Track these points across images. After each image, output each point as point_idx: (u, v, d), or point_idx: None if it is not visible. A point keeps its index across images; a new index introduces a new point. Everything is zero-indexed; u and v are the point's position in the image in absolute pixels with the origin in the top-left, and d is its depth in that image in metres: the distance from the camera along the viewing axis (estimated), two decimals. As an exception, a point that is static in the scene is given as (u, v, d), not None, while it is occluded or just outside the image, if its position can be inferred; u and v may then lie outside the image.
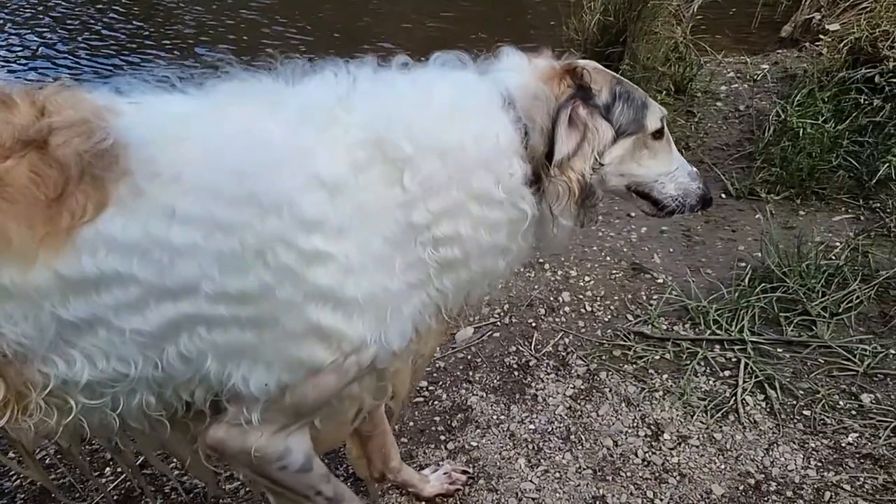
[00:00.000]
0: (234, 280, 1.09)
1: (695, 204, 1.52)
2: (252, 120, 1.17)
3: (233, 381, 1.16)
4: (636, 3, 3.59)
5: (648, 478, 2.03)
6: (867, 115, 3.35)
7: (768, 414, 2.22)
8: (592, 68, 1.40)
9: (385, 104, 1.24)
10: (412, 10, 6.15)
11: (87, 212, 1.05)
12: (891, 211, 3.07)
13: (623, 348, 2.51)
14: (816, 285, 2.61)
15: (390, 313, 1.19)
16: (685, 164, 1.53)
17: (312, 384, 1.21)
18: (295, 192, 1.11)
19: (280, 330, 1.13)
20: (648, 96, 1.46)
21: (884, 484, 1.96)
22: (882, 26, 3.70)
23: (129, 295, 1.09)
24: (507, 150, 1.26)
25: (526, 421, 2.23)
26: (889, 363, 2.36)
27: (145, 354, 1.13)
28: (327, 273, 1.12)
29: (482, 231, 1.24)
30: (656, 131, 1.44)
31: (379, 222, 1.17)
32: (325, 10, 6.05)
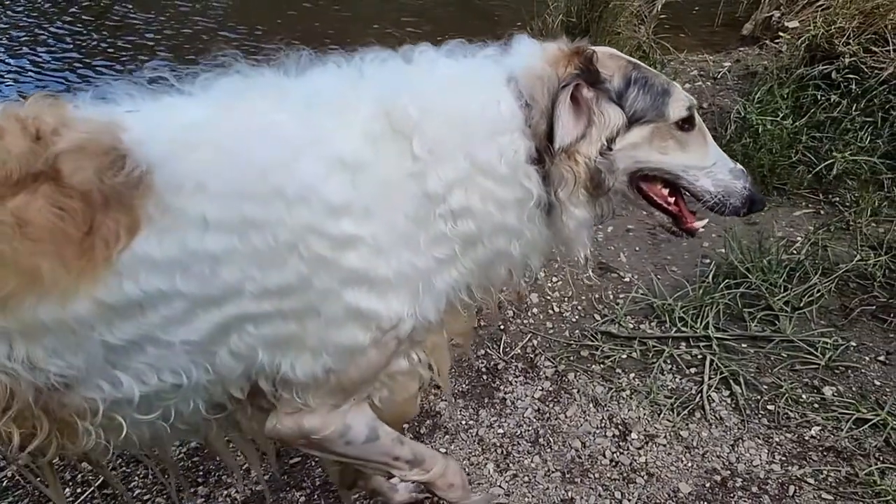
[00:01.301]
0: (274, 276, 1.12)
1: (739, 205, 1.42)
2: (262, 115, 1.17)
3: (282, 370, 1.19)
4: (598, 4, 3.61)
5: (616, 478, 2.03)
6: (825, 111, 3.40)
7: (733, 410, 2.23)
8: (607, 54, 1.38)
9: (392, 80, 1.27)
10: (376, 17, 6.12)
11: (121, 238, 1.04)
12: (849, 205, 3.13)
13: (591, 348, 2.51)
14: (778, 280, 2.65)
15: (423, 288, 1.22)
16: (726, 161, 1.44)
17: (355, 364, 1.24)
18: (318, 179, 1.13)
19: (321, 317, 1.16)
20: (675, 84, 1.40)
21: (846, 476, 1.99)
22: (838, 23, 3.76)
23: (176, 310, 1.09)
24: (510, 125, 1.27)
25: (495, 425, 2.22)
26: (850, 356, 2.40)
27: (196, 362, 1.15)
28: (359, 256, 1.15)
29: (491, 206, 1.25)
30: (683, 121, 1.37)
31: (399, 198, 1.20)
32: (286, 17, 5.99)
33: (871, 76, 3.44)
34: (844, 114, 3.32)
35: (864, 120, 3.29)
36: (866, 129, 3.26)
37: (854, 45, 3.56)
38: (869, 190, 3.12)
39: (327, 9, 6.15)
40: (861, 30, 3.63)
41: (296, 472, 2.06)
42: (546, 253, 1.42)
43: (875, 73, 3.44)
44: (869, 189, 3.12)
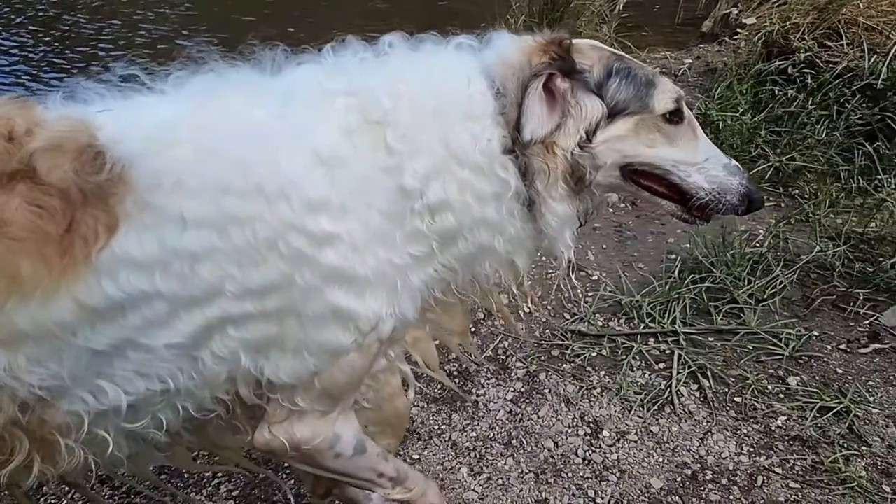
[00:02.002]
0: (254, 274, 1.10)
1: (736, 203, 1.36)
2: (239, 111, 1.16)
3: (266, 374, 1.17)
4: (559, 4, 3.63)
5: (589, 477, 2.04)
6: (782, 106, 3.48)
7: (702, 403, 2.26)
8: (588, 45, 1.36)
9: (365, 72, 1.26)
10: (338, 20, 6.09)
11: (101, 236, 1.01)
12: (808, 197, 3.20)
13: (561, 347, 2.52)
14: (742, 273, 2.69)
15: (400, 286, 1.21)
16: (720, 157, 1.39)
17: (339, 367, 1.22)
18: (296, 173, 1.12)
19: (302, 317, 1.15)
20: (662, 76, 1.37)
21: (812, 465, 2.03)
22: (793, 19, 3.85)
23: (157, 311, 1.07)
24: (482, 111, 1.24)
25: (468, 429, 2.21)
26: (812, 345, 2.45)
27: (180, 366, 1.12)
28: (337, 254, 1.13)
29: (469, 197, 1.23)
30: (670, 114, 1.33)
31: (374, 194, 1.18)
32: (246, 23, 5.91)
33: (825, 70, 3.53)
34: (801, 108, 3.40)
35: (820, 114, 3.37)
36: (822, 122, 3.34)
37: (809, 40, 3.65)
38: (826, 182, 3.19)
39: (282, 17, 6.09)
40: (815, 25, 3.73)
41: (266, 486, 2.02)
42: (532, 253, 1.39)
43: (830, 68, 3.53)
44: (826, 181, 3.20)
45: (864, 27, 3.61)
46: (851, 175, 3.19)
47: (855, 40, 3.59)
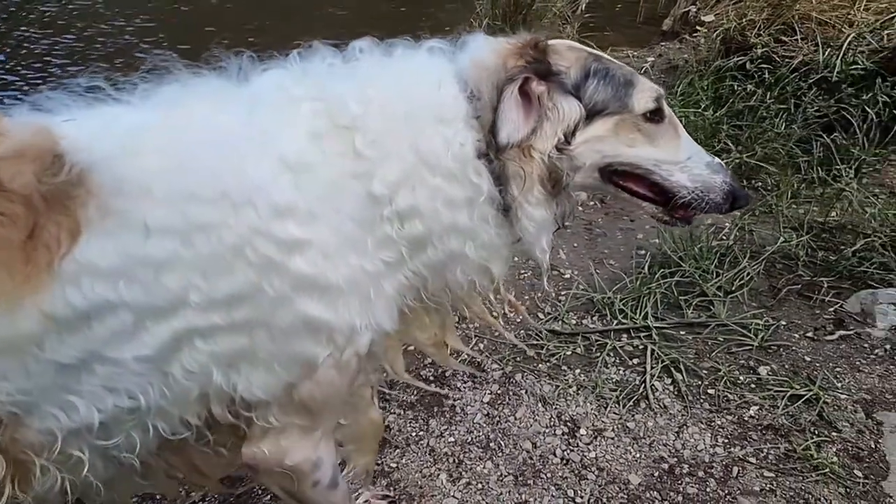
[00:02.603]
0: (220, 284, 1.07)
1: (720, 201, 1.35)
2: (204, 117, 1.14)
3: (239, 389, 1.15)
4: (521, 6, 3.65)
5: (568, 476, 2.04)
6: (742, 101, 3.55)
7: (676, 397, 2.28)
8: (565, 45, 1.33)
9: (334, 76, 1.24)
10: (300, 30, 6.04)
11: (63, 243, 0.99)
12: (771, 189, 3.26)
13: (536, 347, 2.52)
14: (710, 266, 2.73)
15: (374, 294, 1.18)
16: (702, 155, 1.37)
17: (317, 383, 1.20)
18: (263, 179, 1.09)
19: (273, 327, 1.12)
20: (639, 75, 1.35)
21: (785, 453, 2.06)
22: (749, 16, 3.94)
23: (123, 322, 1.04)
24: (454, 114, 1.22)
25: (445, 434, 2.20)
26: (780, 335, 2.49)
27: (150, 381, 1.09)
28: (307, 261, 1.11)
29: (439, 204, 1.21)
30: (651, 113, 1.31)
31: (344, 200, 1.16)
32: (206, 33, 5.82)
33: (782, 65, 3.61)
34: (760, 102, 3.47)
35: (778, 107, 3.44)
36: (781, 115, 3.41)
37: (765, 36, 3.73)
38: (788, 174, 3.26)
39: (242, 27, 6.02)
40: (770, 21, 3.81)
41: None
42: (508, 258, 1.36)
43: (786, 62, 3.61)
44: (787, 173, 3.27)
45: (817, 21, 3.70)
46: (811, 166, 3.26)
47: (809, 35, 3.68)
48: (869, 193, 3.10)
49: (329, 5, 6.38)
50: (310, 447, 1.29)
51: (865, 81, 3.44)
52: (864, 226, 2.89)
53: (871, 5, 3.75)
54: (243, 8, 6.39)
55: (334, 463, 1.37)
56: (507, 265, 1.39)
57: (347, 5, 6.54)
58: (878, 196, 3.11)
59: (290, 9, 6.46)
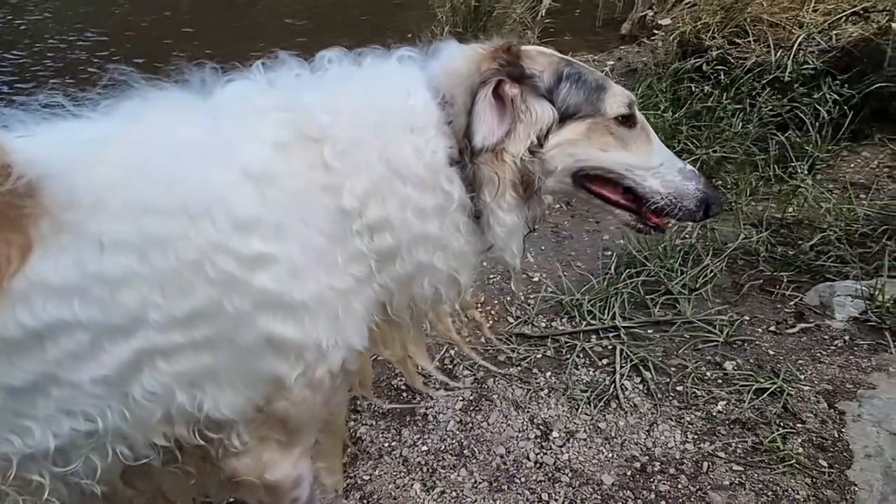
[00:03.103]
0: (180, 301, 1.03)
1: (694, 208, 1.35)
2: (164, 129, 1.10)
3: (205, 409, 1.10)
4: (482, 14, 3.67)
5: (542, 480, 2.04)
6: (700, 102, 3.62)
7: (646, 395, 2.31)
8: (537, 50, 1.34)
9: (301, 87, 1.22)
10: (263, 44, 5.98)
11: (13, 260, 0.94)
12: (730, 187, 3.33)
13: (507, 352, 2.53)
14: (675, 265, 2.77)
15: (343, 311, 1.15)
16: (674, 161, 1.38)
17: (291, 402, 1.18)
18: (223, 190, 1.06)
19: (236, 346, 1.09)
20: (611, 80, 1.36)
21: (753, 446, 2.09)
22: (703, 19, 4.03)
23: (79, 342, 1.00)
24: (425, 121, 1.21)
25: (418, 443, 2.18)
26: (744, 329, 2.54)
27: (109, 403, 1.05)
28: (272, 277, 1.07)
29: (409, 214, 1.19)
30: (622, 118, 1.32)
31: (313, 213, 1.13)
32: (164, 46, 5.72)
33: (737, 66, 3.70)
34: (717, 103, 3.55)
35: (734, 107, 3.52)
36: (738, 115, 3.49)
37: (719, 38, 3.82)
38: (746, 172, 3.34)
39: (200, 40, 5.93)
40: (724, 24, 3.91)
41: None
42: (476, 266, 1.35)
43: (740, 63, 3.70)
44: (746, 171, 3.34)
45: (769, 24, 3.80)
46: (768, 164, 3.34)
47: (761, 37, 3.78)
48: (823, 189, 3.19)
49: (289, 16, 6.33)
50: (290, 464, 1.28)
51: (816, 81, 3.55)
52: (819, 220, 2.98)
53: (819, 7, 3.87)
54: (200, 21, 6.29)
55: (311, 481, 1.36)
56: (475, 272, 1.38)
57: (309, 17, 6.50)
58: (831, 191, 3.21)
59: (249, 22, 6.39)
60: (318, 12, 6.41)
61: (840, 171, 3.44)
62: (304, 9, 6.42)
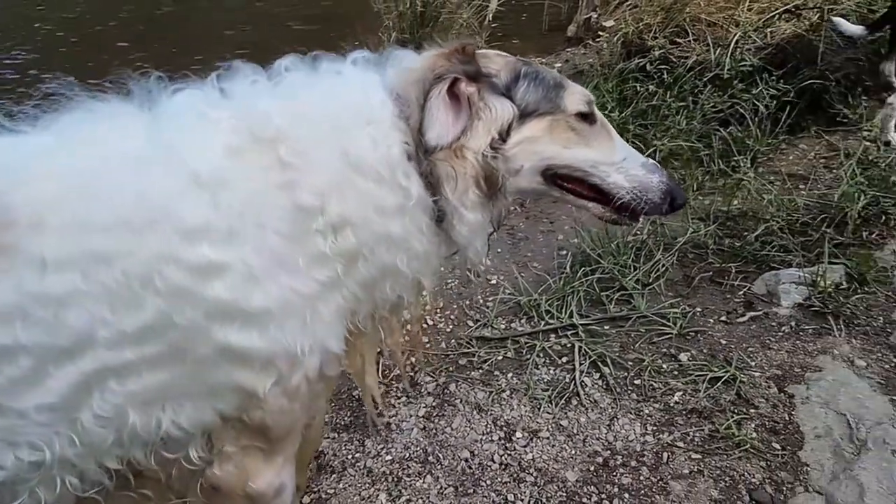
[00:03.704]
0: (129, 317, 0.99)
1: (658, 201, 1.36)
2: (106, 141, 1.06)
3: (165, 427, 1.07)
4: (428, 19, 3.69)
5: (508, 481, 2.05)
6: (646, 100, 3.72)
7: (605, 390, 2.34)
8: (493, 53, 1.34)
9: (256, 94, 1.18)
10: (207, 57, 5.87)
11: None
12: (678, 183, 3.42)
13: (468, 356, 2.54)
14: (628, 261, 2.83)
15: (311, 316, 1.12)
16: (637, 156, 1.39)
17: (268, 412, 1.15)
18: (169, 200, 1.02)
19: (192, 360, 1.05)
20: (568, 80, 1.36)
21: (709, 433, 2.15)
22: (645, 20, 4.14)
23: (22, 368, 0.95)
24: (380, 116, 1.19)
25: (382, 453, 2.16)
26: (697, 321, 2.61)
27: (57, 431, 1.00)
28: (226, 286, 1.03)
29: (371, 212, 1.16)
30: (583, 115, 1.33)
31: (269, 215, 1.09)
32: (100, 62, 5.55)
33: (678, 65, 3.81)
34: (662, 101, 3.65)
35: (678, 105, 3.63)
36: (682, 112, 3.59)
37: (661, 38, 3.93)
38: (692, 167, 3.43)
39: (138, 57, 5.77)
40: (665, 24, 4.02)
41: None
42: (438, 269, 1.34)
43: (682, 62, 3.82)
44: (692, 167, 3.44)
45: (707, 23, 3.94)
46: (712, 159, 3.45)
47: (700, 36, 3.90)
48: (765, 181, 3.31)
49: (228, 29, 6.21)
50: (273, 472, 1.26)
51: (754, 77, 3.69)
52: (762, 212, 3.08)
53: (753, 5, 4.03)
54: (134, 36, 6.12)
55: (294, 490, 1.34)
56: (438, 276, 1.37)
57: (249, 30, 6.39)
58: (773, 183, 3.33)
59: (185, 35, 6.24)
60: (260, 25, 6.32)
61: (780, 163, 3.58)
62: (245, 21, 6.31)
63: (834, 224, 2.94)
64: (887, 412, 2.15)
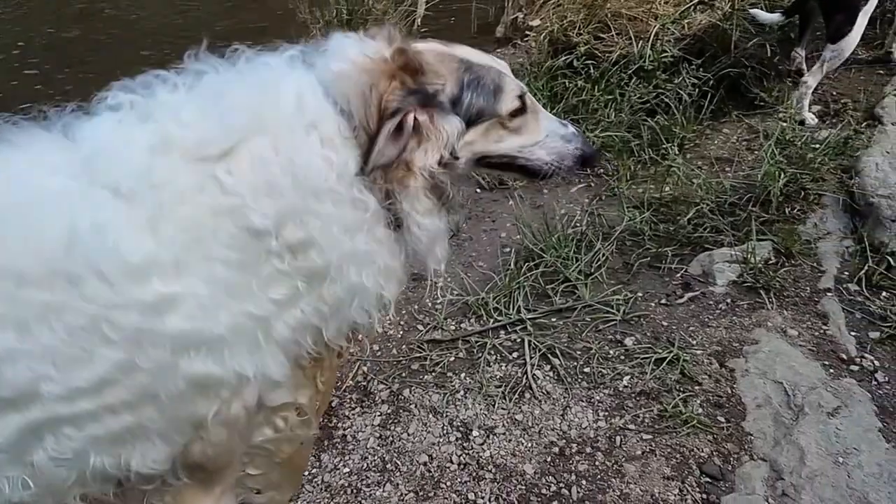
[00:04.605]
0: (79, 372, 0.94)
1: (572, 165, 1.43)
2: (24, 178, 0.99)
3: (133, 466, 1.05)
4: (354, 27, 3.66)
5: (467, 480, 2.06)
6: (575, 96, 3.80)
7: (557, 381, 2.38)
8: (435, 54, 1.27)
9: (179, 106, 1.10)
10: (126, 76, 5.66)
11: None
12: (612, 174, 3.52)
13: (420, 360, 2.53)
14: (569, 253, 2.89)
15: (263, 339, 1.08)
16: (557, 128, 1.43)
17: (207, 443, 1.12)
18: (104, 237, 0.96)
19: (161, 399, 1.01)
20: (503, 73, 1.35)
21: (658, 414, 2.21)
22: (568, 17, 4.23)
23: None
24: (332, 134, 1.14)
25: (339, 466, 2.14)
26: (639, 306, 2.68)
27: (6, 475, 0.96)
28: (183, 317, 0.99)
29: (336, 231, 1.13)
30: (515, 110, 1.34)
31: (214, 242, 1.03)
32: (10, 90, 5.27)
33: (604, 60, 3.91)
34: (590, 95, 3.74)
35: (606, 98, 3.72)
36: (610, 105, 3.69)
37: (585, 34, 4.02)
38: (624, 158, 3.53)
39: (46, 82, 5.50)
40: (588, 21, 4.12)
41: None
42: (402, 281, 1.32)
43: (606, 57, 3.92)
44: (624, 157, 3.54)
45: (627, 17, 4.06)
46: (642, 148, 3.56)
47: (622, 30, 4.02)
48: (693, 166, 3.44)
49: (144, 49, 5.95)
50: (211, 502, 1.23)
51: (675, 67, 3.83)
52: (693, 196, 3.20)
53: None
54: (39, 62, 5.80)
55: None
56: (401, 287, 1.34)
57: (167, 49, 6.17)
58: (700, 167, 3.46)
59: (98, 57, 5.92)
60: (178, 44, 6.09)
61: (705, 148, 3.72)
62: (163, 42, 6.05)
63: (759, 203, 3.08)
64: (820, 377, 2.27)
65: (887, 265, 2.66)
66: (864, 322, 2.50)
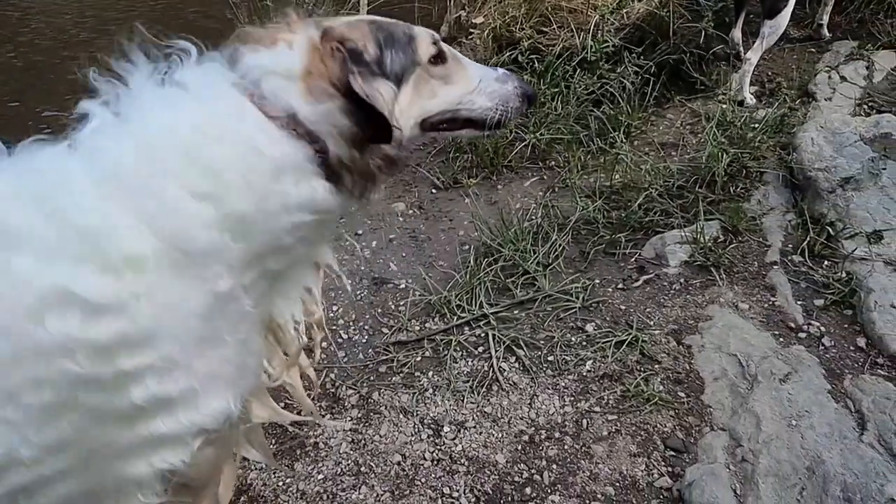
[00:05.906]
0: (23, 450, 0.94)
1: (519, 104, 1.40)
2: None
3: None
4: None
5: (442, 475, 2.09)
6: (523, 91, 3.86)
7: (523, 372, 2.43)
8: (345, 25, 1.22)
9: (113, 137, 1.04)
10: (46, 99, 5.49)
11: None
12: (563, 165, 3.59)
13: (387, 362, 2.55)
14: (527, 246, 2.94)
15: (239, 372, 1.11)
16: (488, 73, 1.41)
17: (195, 465, 1.11)
18: (71, 327, 0.92)
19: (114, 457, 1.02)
20: (412, 25, 1.31)
21: (622, 394, 2.28)
22: (510, 13, 4.30)
23: None
24: (287, 164, 1.09)
25: (314, 473, 2.14)
26: (597, 292, 2.75)
27: None
28: (150, 385, 0.98)
29: (300, 246, 1.17)
30: (434, 57, 1.30)
31: (182, 315, 1.00)
32: None
33: (548, 53, 3.99)
34: (537, 89, 3.80)
35: (553, 91, 3.80)
36: (557, 98, 3.77)
37: (527, 29, 4.10)
38: (574, 149, 3.61)
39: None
40: (529, 15, 4.20)
41: None
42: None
43: (550, 50, 4.00)
44: (573, 149, 3.61)
45: (567, 10, 4.15)
46: (591, 138, 3.64)
47: (563, 23, 4.11)
48: (640, 153, 3.54)
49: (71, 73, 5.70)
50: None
51: (617, 56, 3.92)
52: (642, 181, 3.29)
53: (607, -11, 4.28)
54: None
55: None
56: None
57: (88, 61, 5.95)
58: (647, 153, 3.56)
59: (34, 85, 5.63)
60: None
61: (651, 134, 3.83)
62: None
63: (705, 184, 3.19)
64: (771, 346, 2.37)
65: (827, 235, 2.79)
66: (810, 291, 2.62)
